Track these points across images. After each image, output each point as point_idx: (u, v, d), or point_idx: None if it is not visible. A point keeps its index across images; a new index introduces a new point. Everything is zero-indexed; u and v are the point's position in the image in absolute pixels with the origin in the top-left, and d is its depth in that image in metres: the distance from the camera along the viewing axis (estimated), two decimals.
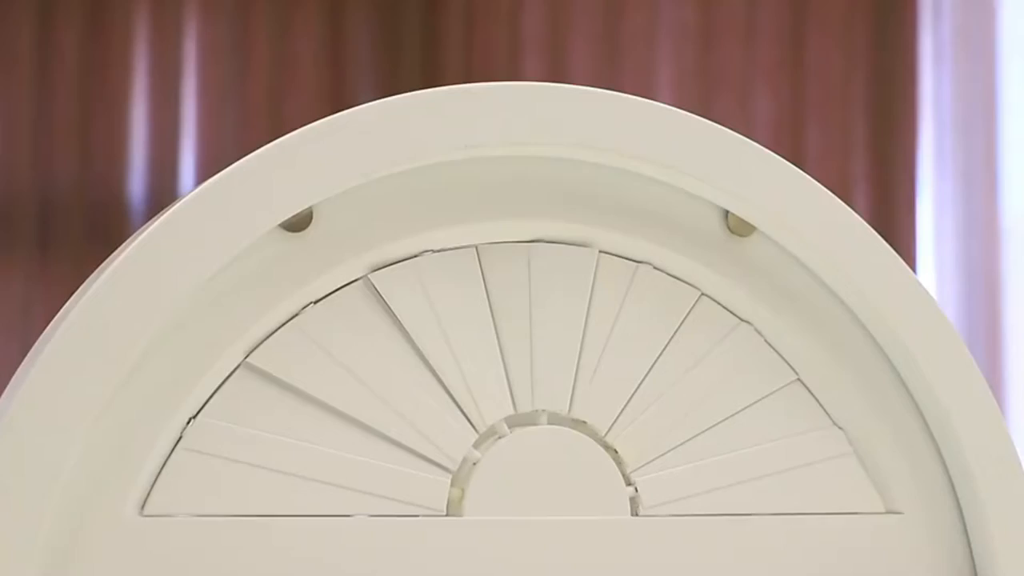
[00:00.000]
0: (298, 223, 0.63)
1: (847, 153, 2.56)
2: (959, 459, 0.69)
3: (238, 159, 0.61)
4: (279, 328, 0.63)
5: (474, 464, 0.65)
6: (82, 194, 2.33)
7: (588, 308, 0.67)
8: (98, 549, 0.59)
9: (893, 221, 2.54)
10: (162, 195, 2.35)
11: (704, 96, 2.51)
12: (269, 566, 0.61)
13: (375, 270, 0.65)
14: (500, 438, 0.65)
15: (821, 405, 0.70)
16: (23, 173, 2.32)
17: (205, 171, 2.34)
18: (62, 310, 0.61)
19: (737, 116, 2.50)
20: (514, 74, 2.45)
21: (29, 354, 0.61)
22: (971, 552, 0.70)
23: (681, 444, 0.68)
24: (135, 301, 0.58)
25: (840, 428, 0.70)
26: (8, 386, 0.60)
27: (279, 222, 0.61)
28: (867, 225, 0.69)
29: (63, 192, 2.33)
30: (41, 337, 0.61)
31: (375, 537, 0.63)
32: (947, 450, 0.70)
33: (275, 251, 0.63)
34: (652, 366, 0.68)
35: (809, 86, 2.55)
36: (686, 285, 0.69)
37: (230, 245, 0.60)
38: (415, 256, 0.65)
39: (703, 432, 0.68)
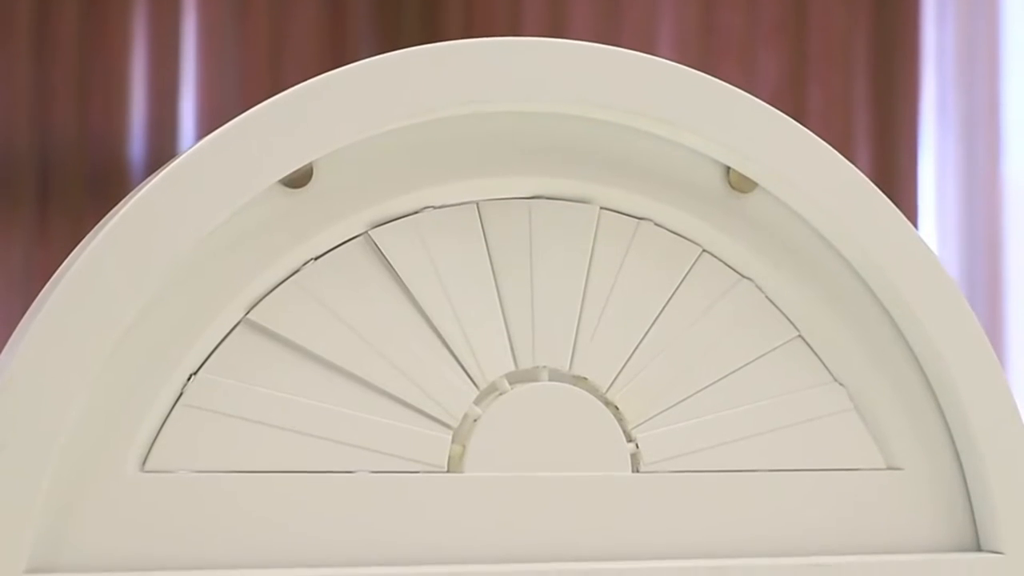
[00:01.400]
0: (298, 179, 0.63)
1: (849, 110, 2.55)
2: (959, 414, 0.69)
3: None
4: (279, 284, 0.63)
5: (475, 420, 0.65)
6: (82, 153, 2.33)
7: (589, 264, 0.67)
8: (99, 505, 0.59)
9: (895, 178, 2.54)
10: (162, 154, 2.34)
11: (705, 55, 2.50)
12: (270, 522, 0.61)
13: (375, 226, 0.65)
14: (501, 394, 0.65)
15: (822, 361, 0.70)
16: (23, 132, 2.32)
17: (205, 130, 2.34)
18: (62, 267, 0.61)
19: (738, 74, 2.49)
20: (514, 31, 2.44)
21: (28, 311, 0.61)
22: (971, 507, 0.70)
23: (682, 400, 0.68)
24: (134, 257, 0.58)
25: (841, 384, 0.70)
26: (8, 343, 0.60)
27: (279, 178, 0.61)
28: (868, 180, 0.68)
29: (63, 151, 2.33)
30: (40, 294, 0.60)
31: (376, 493, 0.63)
32: (947, 405, 0.70)
33: (275, 207, 0.63)
34: (653, 322, 0.68)
35: (811, 43, 2.54)
36: (687, 241, 0.69)
37: (230, 201, 0.60)
38: (415, 212, 0.65)
39: (704, 388, 0.68)
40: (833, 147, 0.69)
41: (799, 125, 0.68)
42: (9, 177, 2.33)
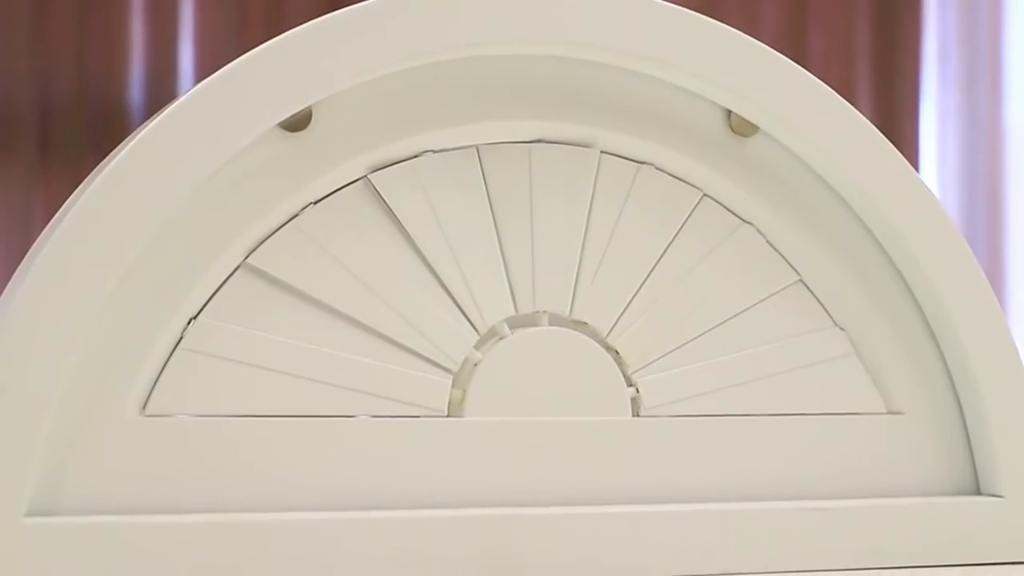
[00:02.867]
0: (297, 123, 0.62)
1: (850, 60, 2.54)
2: (960, 358, 0.69)
3: None
4: (279, 229, 0.63)
5: (475, 365, 0.65)
6: (81, 101, 2.32)
7: (589, 209, 0.67)
8: (99, 449, 0.59)
9: (896, 126, 2.53)
10: (161, 101, 2.33)
11: (706, 2, 2.49)
12: (269, 466, 0.61)
13: (375, 170, 0.64)
14: (501, 339, 0.65)
15: (823, 306, 0.70)
16: (21, 81, 2.31)
17: (204, 76, 2.32)
18: (61, 209, 0.61)
19: (740, 22, 2.47)
20: None
21: (28, 254, 0.61)
22: (971, 450, 0.70)
23: (683, 345, 0.68)
24: (133, 200, 0.58)
25: (841, 329, 0.70)
26: (7, 287, 0.60)
27: (278, 121, 0.61)
28: (870, 123, 0.68)
29: (62, 100, 2.32)
30: (40, 237, 0.60)
31: (376, 437, 0.63)
32: (948, 349, 0.70)
33: (274, 151, 0.62)
34: (654, 267, 0.67)
35: None
36: (688, 186, 0.69)
37: (229, 144, 0.59)
38: (415, 156, 0.65)
39: (705, 333, 0.68)
40: None
41: (800, 67, 0.67)
42: (9, 120, 2.32)
